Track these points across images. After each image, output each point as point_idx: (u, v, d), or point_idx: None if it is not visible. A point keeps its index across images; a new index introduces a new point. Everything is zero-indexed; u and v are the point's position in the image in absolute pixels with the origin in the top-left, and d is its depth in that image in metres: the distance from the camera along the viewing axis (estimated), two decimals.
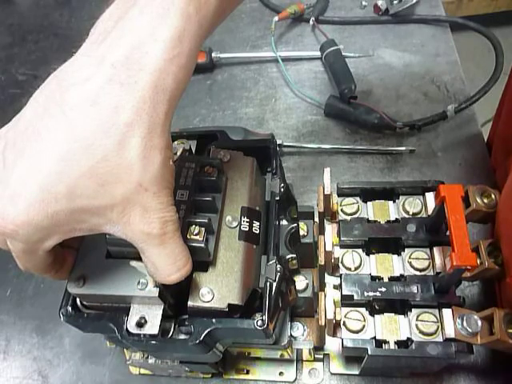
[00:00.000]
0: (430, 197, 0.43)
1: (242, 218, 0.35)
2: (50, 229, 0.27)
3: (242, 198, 0.36)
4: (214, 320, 0.33)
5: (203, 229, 0.32)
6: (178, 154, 0.38)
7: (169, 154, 0.27)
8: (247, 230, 0.35)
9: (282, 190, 0.38)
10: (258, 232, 0.36)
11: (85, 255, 0.35)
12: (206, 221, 0.32)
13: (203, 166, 0.35)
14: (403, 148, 0.61)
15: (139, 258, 0.34)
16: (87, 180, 0.25)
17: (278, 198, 0.38)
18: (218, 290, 0.32)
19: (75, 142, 0.25)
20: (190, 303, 0.32)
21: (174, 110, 0.27)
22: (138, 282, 0.32)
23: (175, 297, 0.34)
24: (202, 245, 0.32)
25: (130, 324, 0.33)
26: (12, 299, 0.57)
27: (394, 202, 0.44)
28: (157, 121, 0.26)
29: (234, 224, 0.35)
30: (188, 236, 0.32)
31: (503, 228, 0.39)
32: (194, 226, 0.32)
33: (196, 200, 0.33)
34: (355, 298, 0.40)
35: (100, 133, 0.25)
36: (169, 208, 0.28)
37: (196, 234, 0.32)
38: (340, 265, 0.42)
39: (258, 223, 0.36)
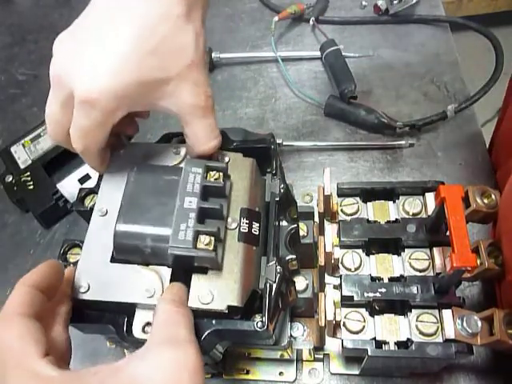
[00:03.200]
0: (430, 197, 0.43)
1: (242, 220, 0.35)
2: (123, 99, 0.32)
3: (242, 200, 0.36)
4: (213, 321, 0.32)
5: (213, 238, 0.32)
6: (182, 154, 0.38)
7: (205, 42, 0.35)
8: (246, 231, 0.35)
9: (282, 190, 0.38)
10: (257, 233, 0.36)
11: (88, 260, 0.34)
12: (216, 230, 0.32)
13: (209, 170, 0.35)
14: (402, 142, 0.61)
15: (145, 264, 0.34)
16: (151, 57, 0.32)
17: (277, 199, 0.38)
18: (217, 291, 0.32)
19: (142, 28, 0.31)
20: (189, 305, 0.32)
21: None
22: (146, 290, 0.32)
23: None
24: (213, 255, 0.32)
25: (136, 329, 0.33)
26: None
27: (394, 202, 0.44)
28: (203, 15, 0.35)
29: (234, 225, 0.35)
30: (198, 246, 0.32)
31: (504, 227, 0.39)
32: (203, 235, 0.32)
33: (204, 208, 0.33)
34: (355, 298, 0.40)
35: (162, 20, 0.32)
36: (209, 85, 0.35)
37: (206, 244, 0.32)
38: (340, 265, 0.42)
39: (258, 224, 0.36)
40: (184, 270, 0.33)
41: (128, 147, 0.39)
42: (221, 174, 0.35)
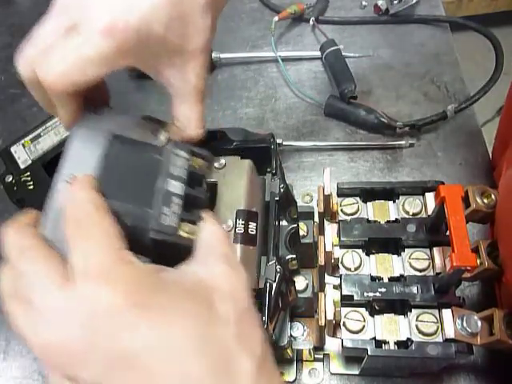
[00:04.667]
0: (429, 197, 0.43)
1: (237, 221, 0.35)
2: (142, 45, 0.31)
3: (238, 202, 0.36)
4: None
5: (197, 228, 0.31)
6: (162, 138, 0.36)
7: (213, 36, 0.36)
8: (242, 232, 0.35)
9: (282, 190, 0.38)
10: (254, 233, 0.36)
11: (51, 234, 0.30)
12: (200, 220, 0.31)
13: (194, 156, 0.34)
14: (402, 142, 0.62)
15: None
16: (178, 22, 0.32)
17: (277, 199, 0.38)
18: None
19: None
20: None
21: None
22: None
23: None
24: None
25: None
26: None
27: (394, 202, 0.44)
28: (218, 12, 0.36)
29: (229, 228, 0.35)
30: (181, 233, 0.30)
31: (500, 226, 0.39)
32: (187, 223, 0.31)
33: (190, 195, 0.32)
34: (355, 298, 0.40)
35: (189, 1, 0.33)
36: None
37: (189, 233, 0.30)
38: (340, 265, 0.42)
39: (255, 224, 0.36)
40: (164, 262, 0.30)
41: (103, 113, 0.35)
42: (205, 162, 0.34)
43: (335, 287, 0.41)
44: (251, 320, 0.27)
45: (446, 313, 0.38)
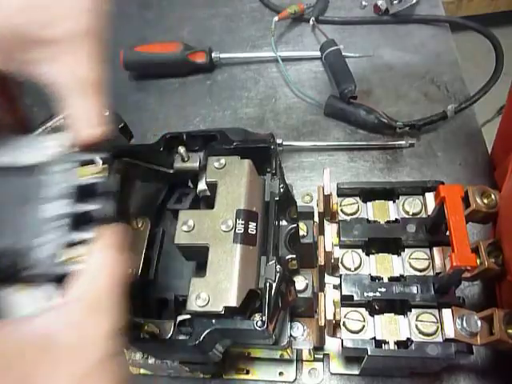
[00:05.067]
0: (429, 197, 0.43)
1: (237, 221, 0.35)
2: None
3: (238, 201, 0.36)
4: (213, 321, 0.33)
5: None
6: (54, 146, 0.30)
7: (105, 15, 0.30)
8: (242, 231, 0.35)
9: (282, 190, 0.38)
10: (254, 233, 0.36)
11: None
12: (92, 237, 0.27)
13: (85, 164, 0.29)
14: (402, 142, 0.62)
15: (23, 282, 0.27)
16: (37, 8, 0.27)
17: (277, 199, 0.38)
18: (213, 294, 0.33)
19: None
20: (187, 308, 0.32)
21: None
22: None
23: None
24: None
25: None
26: None
27: (394, 202, 0.44)
28: None
29: (229, 228, 0.35)
30: (66, 259, 0.26)
31: (504, 226, 0.39)
32: (76, 246, 0.26)
33: (75, 213, 0.27)
34: (355, 298, 0.40)
35: None
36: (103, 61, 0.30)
37: (83, 254, 0.26)
38: (340, 265, 0.42)
39: (255, 224, 0.36)
40: None
41: None
42: (104, 166, 0.29)
43: (335, 287, 0.41)
44: (102, 374, 0.24)
45: (446, 313, 0.38)
